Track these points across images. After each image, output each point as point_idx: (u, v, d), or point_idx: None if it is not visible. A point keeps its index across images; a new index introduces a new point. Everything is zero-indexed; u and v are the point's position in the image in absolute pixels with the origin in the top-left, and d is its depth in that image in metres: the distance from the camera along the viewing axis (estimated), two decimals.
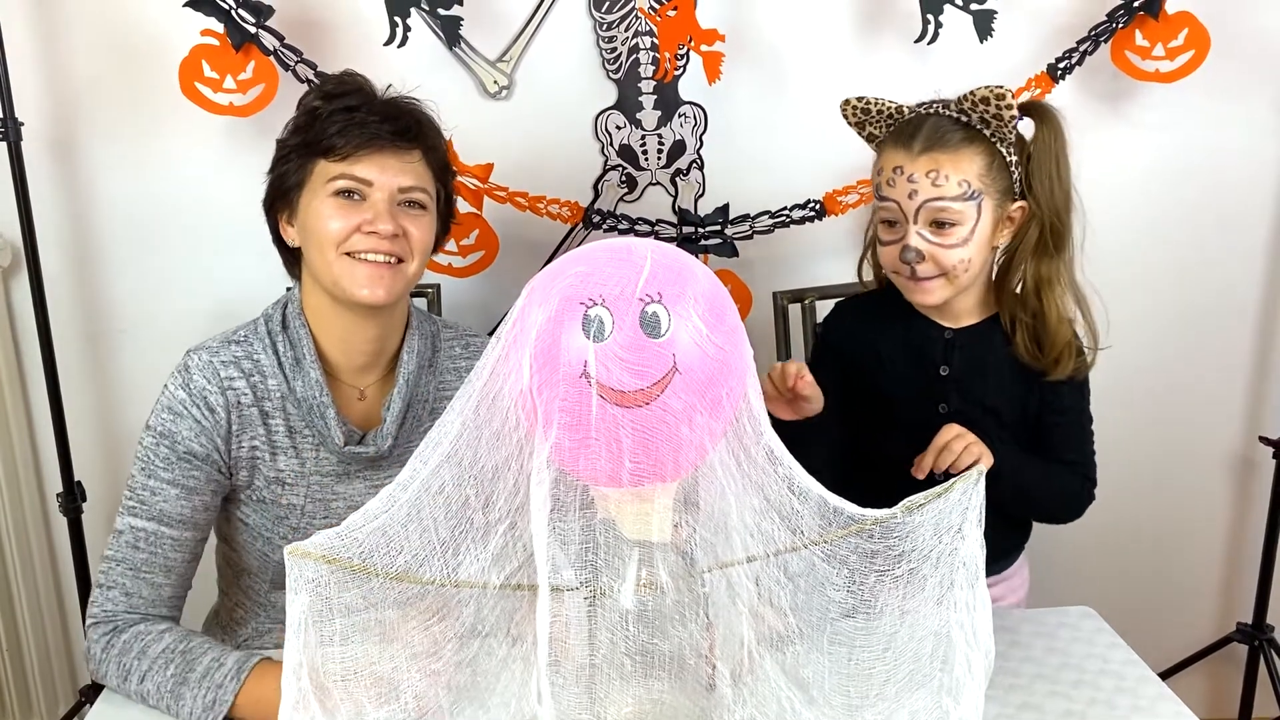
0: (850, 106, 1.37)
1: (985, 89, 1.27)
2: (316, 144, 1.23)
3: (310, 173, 1.25)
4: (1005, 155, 1.31)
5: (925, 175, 1.29)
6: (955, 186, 1.28)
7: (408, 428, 1.32)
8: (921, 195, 1.29)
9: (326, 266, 1.24)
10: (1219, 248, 1.94)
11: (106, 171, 1.77)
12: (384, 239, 1.22)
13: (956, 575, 0.91)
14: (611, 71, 1.78)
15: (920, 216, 1.30)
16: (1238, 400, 2.04)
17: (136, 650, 1.16)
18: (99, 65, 1.72)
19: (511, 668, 0.92)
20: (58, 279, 1.77)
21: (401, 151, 1.24)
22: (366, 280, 1.23)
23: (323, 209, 1.23)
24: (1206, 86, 1.78)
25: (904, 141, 1.31)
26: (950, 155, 1.29)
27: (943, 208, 1.29)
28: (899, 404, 1.42)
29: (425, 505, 0.84)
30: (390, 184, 1.23)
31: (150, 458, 1.23)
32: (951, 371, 1.40)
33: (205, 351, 1.27)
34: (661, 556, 0.87)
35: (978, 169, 1.30)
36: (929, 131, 1.30)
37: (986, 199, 1.30)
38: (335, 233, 1.22)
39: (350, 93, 1.26)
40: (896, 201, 1.31)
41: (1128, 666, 1.23)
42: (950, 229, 1.30)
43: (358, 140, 1.22)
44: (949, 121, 1.31)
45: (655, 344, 0.78)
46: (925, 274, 1.32)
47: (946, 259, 1.31)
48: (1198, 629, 2.13)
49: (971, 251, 1.31)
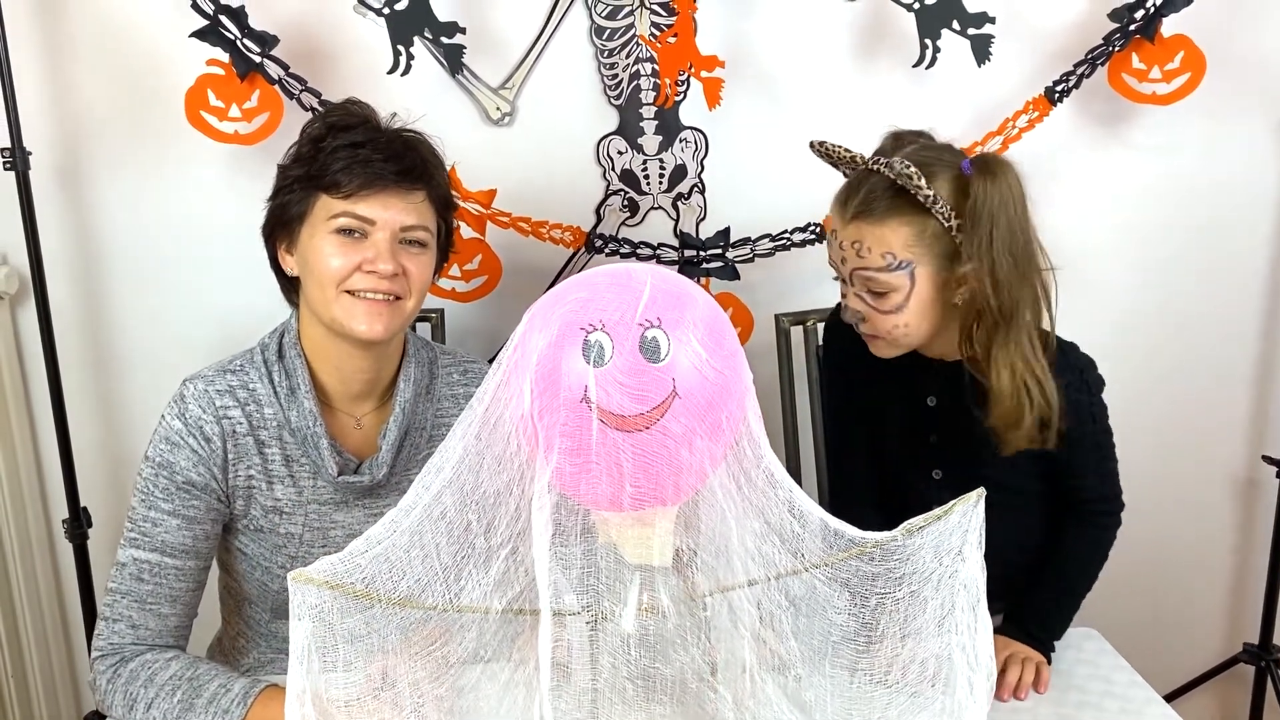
0: (815, 149, 1.33)
1: (901, 165, 1.20)
2: (319, 178, 1.23)
3: (312, 206, 1.24)
4: (942, 221, 1.22)
5: (851, 245, 1.25)
6: (879, 259, 1.24)
7: (405, 456, 1.32)
8: (850, 264, 1.26)
9: (325, 303, 1.23)
10: (1218, 269, 1.94)
11: (113, 200, 1.79)
12: (384, 278, 1.22)
13: (957, 598, 0.91)
14: (613, 97, 1.79)
15: (855, 281, 1.27)
16: (1241, 420, 2.04)
17: (143, 678, 1.16)
18: (106, 95, 1.74)
19: (514, 692, 0.92)
20: (65, 306, 1.78)
21: (405, 191, 1.24)
22: (365, 317, 1.22)
23: (324, 246, 1.23)
24: (1203, 109, 1.78)
25: (840, 203, 1.28)
26: (874, 226, 1.23)
27: (869, 278, 1.25)
28: (890, 431, 1.41)
29: (427, 531, 0.85)
30: (393, 223, 1.23)
31: (150, 489, 1.23)
32: (940, 402, 1.38)
33: (201, 381, 1.27)
34: (663, 580, 0.88)
35: (903, 239, 1.23)
36: (861, 197, 1.25)
37: (920, 266, 1.24)
38: (336, 270, 1.22)
39: (355, 126, 1.25)
40: (835, 262, 1.30)
41: (1132, 689, 1.22)
42: (883, 296, 1.26)
43: (361, 179, 1.21)
44: (882, 185, 1.24)
45: (655, 369, 0.78)
46: (868, 332, 1.31)
47: (882, 324, 1.28)
48: (1204, 650, 2.11)
49: (908, 317, 1.26)
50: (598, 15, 1.75)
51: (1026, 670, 1.24)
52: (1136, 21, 1.70)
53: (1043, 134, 1.75)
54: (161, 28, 1.67)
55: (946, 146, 1.33)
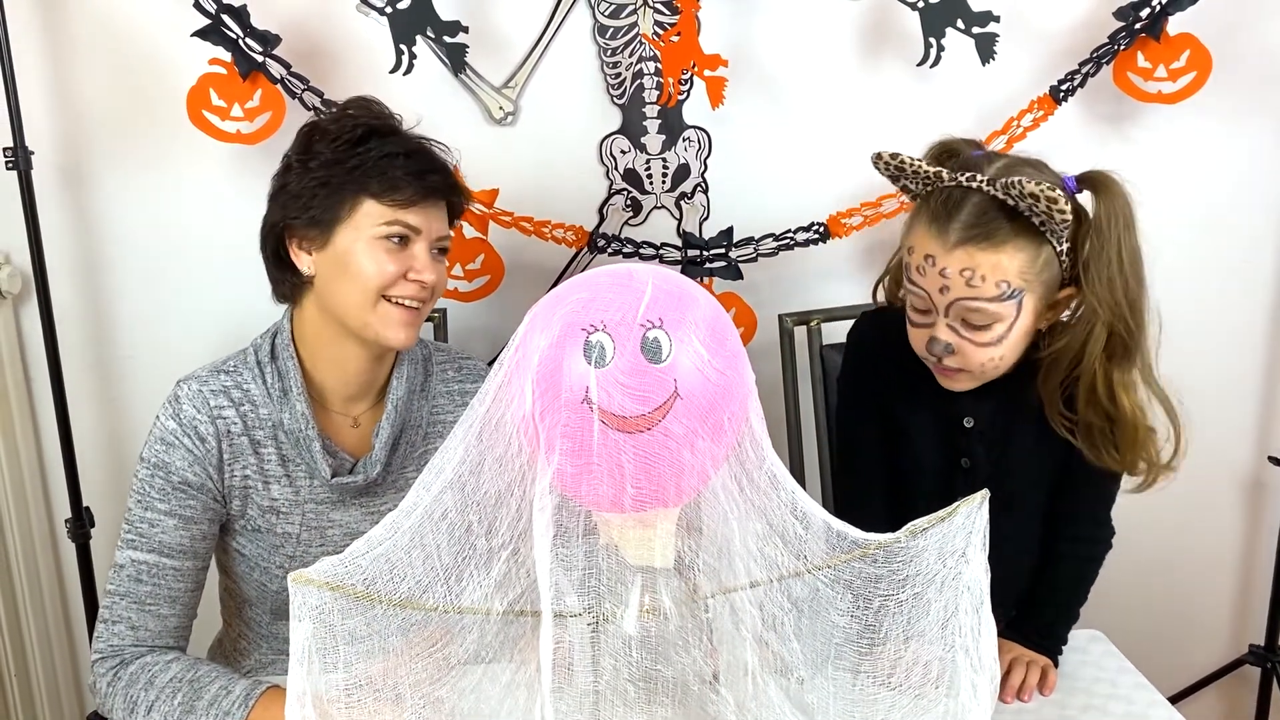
0: (883, 162, 1.21)
1: (1035, 185, 1.08)
2: (366, 182, 1.22)
3: (355, 209, 1.23)
4: (1055, 246, 1.14)
5: (959, 273, 1.13)
6: (993, 288, 1.13)
7: (400, 454, 1.32)
8: (954, 293, 1.14)
9: (359, 308, 1.23)
10: (1225, 268, 1.93)
11: (115, 199, 1.78)
12: (426, 287, 1.25)
13: (961, 599, 0.91)
14: (616, 97, 1.79)
15: (951, 312, 1.16)
16: (1247, 421, 2.03)
17: (143, 681, 1.16)
18: (108, 94, 1.74)
19: (515, 694, 0.91)
20: (67, 306, 1.78)
21: (440, 202, 1.28)
22: (400, 326, 1.24)
23: (372, 251, 1.22)
24: (1209, 107, 1.78)
25: (939, 226, 1.14)
26: (990, 252, 1.12)
27: (977, 309, 1.14)
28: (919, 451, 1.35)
29: (428, 532, 0.84)
30: (433, 233, 1.26)
31: (146, 490, 1.23)
32: (977, 425, 1.31)
33: (195, 381, 1.27)
34: (664, 582, 0.87)
35: (1019, 266, 1.13)
36: (968, 219, 1.13)
37: (1029, 295, 1.15)
38: (384, 277, 1.22)
39: (392, 134, 1.26)
40: (926, 292, 1.17)
41: (1137, 690, 1.22)
42: (984, 328, 1.16)
43: (416, 190, 1.23)
44: (993, 206, 1.13)
45: (656, 369, 0.78)
46: (952, 365, 1.20)
47: (975, 357, 1.17)
48: (1209, 651, 2.10)
49: (1005, 349, 1.18)
50: (601, 14, 1.74)
51: (1031, 672, 1.24)
52: (1142, 20, 1.69)
53: (1047, 133, 1.75)
54: (164, 27, 1.67)
55: (1033, 161, 1.22)
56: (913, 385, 1.32)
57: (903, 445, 1.37)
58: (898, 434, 1.37)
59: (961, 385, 1.24)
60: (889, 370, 1.35)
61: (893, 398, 1.36)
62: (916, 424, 1.35)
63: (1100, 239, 1.16)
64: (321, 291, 1.26)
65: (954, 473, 1.34)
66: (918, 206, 1.21)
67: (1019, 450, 1.31)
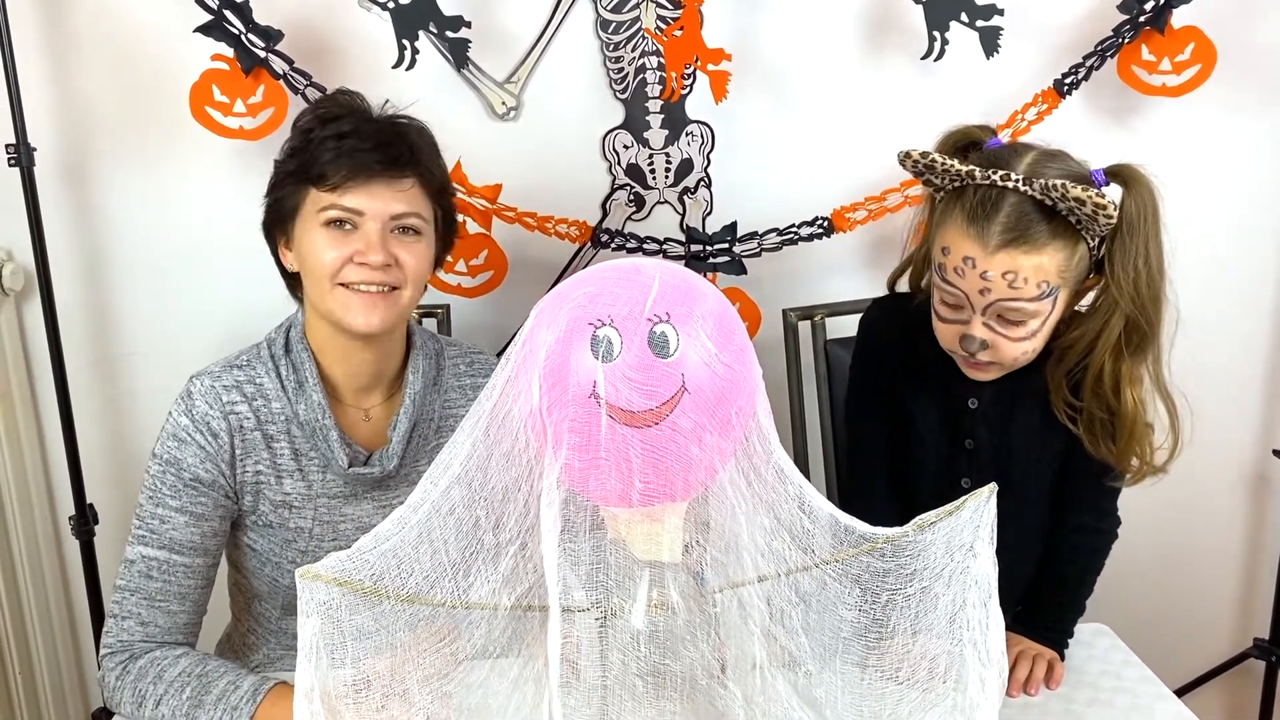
0: (911, 161, 1.19)
1: (1082, 191, 1.08)
2: (307, 171, 1.22)
3: (303, 201, 1.24)
4: (1090, 244, 1.15)
5: (1002, 276, 1.13)
6: (1034, 289, 1.13)
7: (413, 448, 1.32)
8: (994, 295, 1.14)
9: (321, 297, 1.24)
10: (1229, 264, 1.93)
11: (118, 196, 1.78)
12: (376, 269, 1.21)
13: (969, 593, 0.91)
14: (619, 91, 1.78)
15: (989, 311, 1.16)
16: (1251, 415, 2.02)
17: (152, 675, 1.16)
18: (111, 90, 1.73)
19: (523, 689, 0.91)
20: (70, 303, 1.78)
21: (393, 179, 1.23)
22: (361, 310, 1.22)
23: (315, 240, 1.23)
24: (1214, 101, 1.77)
25: (978, 226, 1.13)
26: (1032, 255, 1.12)
27: (1016, 308, 1.15)
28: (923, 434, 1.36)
29: (436, 527, 0.84)
30: (382, 212, 1.22)
31: (158, 486, 1.23)
32: (981, 405, 1.32)
33: (208, 377, 1.27)
34: (672, 576, 0.87)
35: (1059, 265, 1.14)
36: (1008, 221, 1.12)
37: (1063, 290, 1.16)
38: (328, 264, 1.22)
39: (343, 116, 1.25)
40: (964, 292, 1.17)
41: (1143, 684, 1.22)
42: (1019, 325, 1.17)
43: (347, 169, 1.20)
44: (1030, 206, 1.12)
45: (664, 364, 0.78)
46: (986, 359, 1.21)
47: (1009, 351, 1.18)
48: (1214, 645, 2.10)
49: (1036, 342, 1.19)
50: (603, 9, 1.74)
51: (1038, 665, 1.23)
52: (1146, 13, 1.68)
53: (1052, 127, 1.74)
54: (166, 23, 1.66)
55: (1056, 152, 1.22)
56: (919, 369, 1.33)
57: (907, 426, 1.37)
58: (903, 415, 1.37)
59: (990, 376, 1.25)
60: (897, 354, 1.37)
61: (899, 381, 1.37)
62: (921, 404, 1.36)
63: (1129, 232, 1.16)
64: (304, 288, 1.27)
65: (957, 454, 1.35)
66: (948, 204, 1.19)
67: (1022, 432, 1.31)
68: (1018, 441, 1.32)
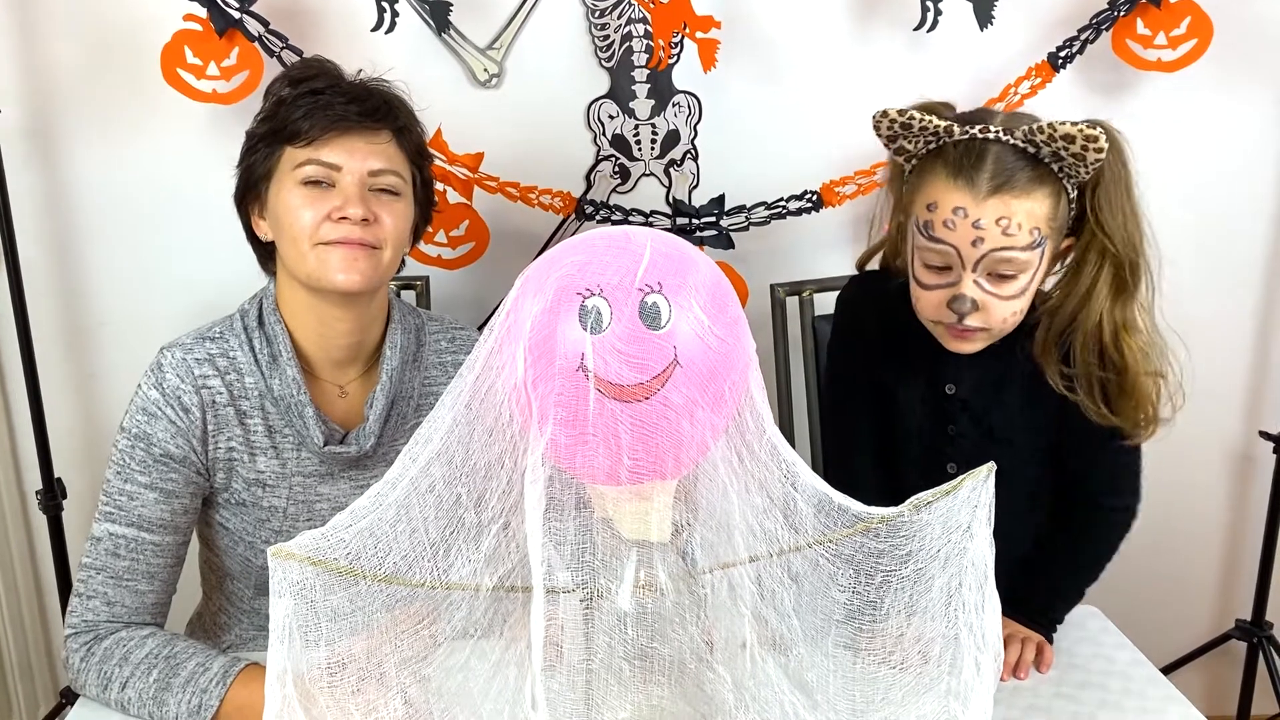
0: (888, 120, 1.18)
1: (1072, 126, 1.10)
2: (282, 130, 1.19)
3: (277, 161, 1.21)
4: (1069, 193, 1.16)
5: (995, 223, 1.12)
6: (1027, 235, 1.12)
7: (392, 425, 1.28)
8: (988, 244, 1.13)
9: (300, 259, 1.19)
10: (1219, 241, 1.91)
11: (87, 161, 1.74)
12: (355, 225, 1.18)
13: (965, 575, 0.89)
14: (604, 60, 1.74)
15: (980, 266, 1.15)
16: (1237, 395, 2.02)
17: (118, 657, 1.12)
18: (79, 52, 1.68)
19: (505, 672, 0.88)
20: (37, 272, 1.74)
21: (370, 133, 1.20)
22: (341, 265, 1.18)
23: (291, 200, 1.19)
24: (1209, 77, 1.75)
25: (965, 176, 1.13)
26: (1022, 199, 1.12)
27: (1009, 258, 1.14)
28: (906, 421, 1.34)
29: (415, 504, 0.81)
30: (359, 168, 1.19)
31: (126, 461, 1.19)
32: (959, 391, 1.30)
33: (179, 349, 1.23)
34: (661, 557, 0.84)
35: (1046, 211, 1.14)
36: (995, 167, 1.12)
37: (1049, 244, 1.16)
38: (306, 224, 1.18)
39: (316, 76, 1.22)
40: (955, 247, 1.14)
41: (1134, 667, 1.21)
42: (1010, 280, 1.15)
43: (324, 123, 1.18)
44: (1013, 154, 1.13)
45: (655, 336, 0.75)
46: (973, 324, 1.18)
47: (999, 312, 1.17)
48: (1196, 626, 2.11)
49: (1024, 302, 1.18)
50: None
51: (1027, 649, 1.22)
52: None
53: (1041, 102, 1.72)
54: None
55: (1027, 115, 1.22)
56: (900, 351, 1.31)
57: (889, 405, 1.35)
58: (884, 395, 1.35)
59: (975, 346, 1.22)
60: (877, 334, 1.35)
61: (880, 361, 1.35)
62: (903, 387, 1.34)
63: (1113, 179, 1.18)
64: (280, 254, 1.24)
65: (941, 438, 1.33)
66: (926, 164, 1.18)
67: (1005, 415, 1.30)
68: (1000, 423, 1.30)
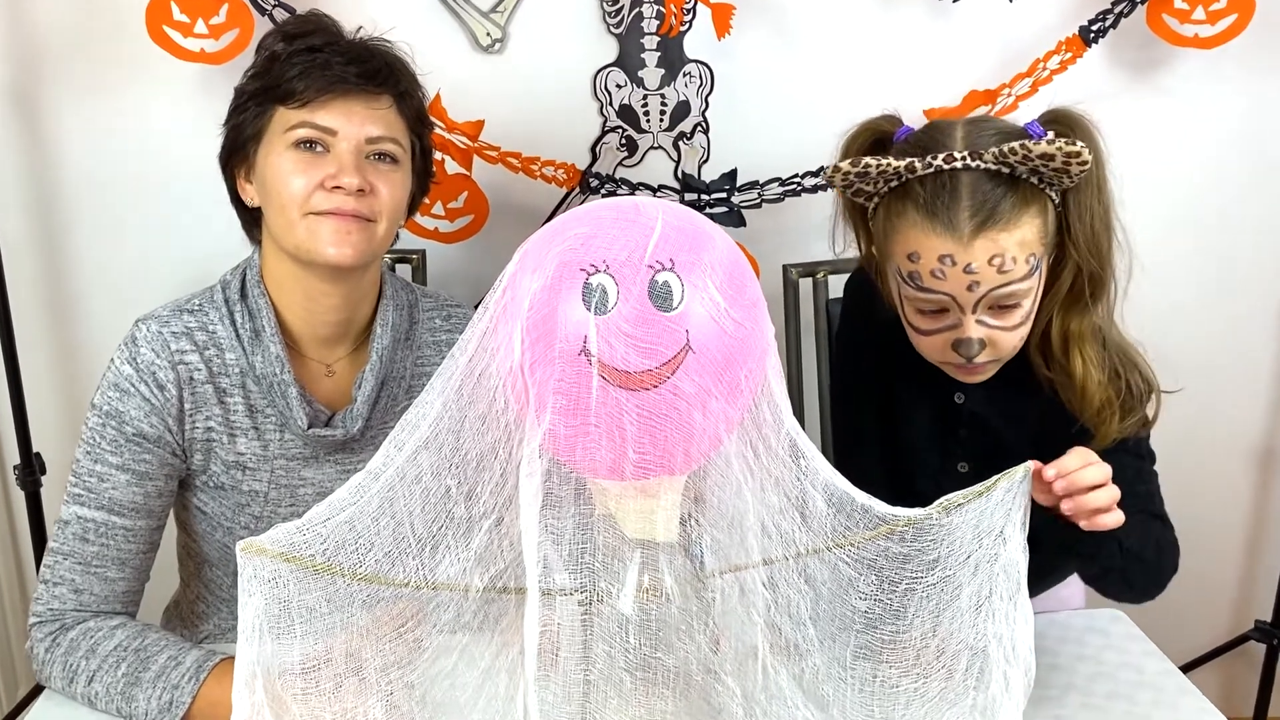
0: (841, 174, 1.08)
1: (1047, 145, 1.01)
2: (275, 89, 1.13)
3: (268, 122, 1.14)
4: (1054, 200, 1.07)
5: (988, 263, 1.03)
6: (1024, 265, 1.04)
7: (381, 407, 1.23)
8: (985, 285, 1.04)
9: (288, 228, 1.13)
10: (1253, 230, 1.85)
11: (68, 126, 1.68)
12: (349, 195, 1.11)
13: (996, 583, 0.85)
14: (613, 25, 1.68)
15: (980, 306, 1.06)
16: (1259, 393, 1.96)
17: (85, 648, 1.07)
18: (61, 10, 1.62)
19: (495, 680, 0.84)
20: (16, 240, 1.68)
21: (370, 97, 1.14)
22: (333, 238, 1.12)
23: (281, 164, 1.13)
24: (1249, 54, 1.68)
25: (943, 219, 1.04)
26: (1011, 230, 1.03)
27: (1010, 293, 1.05)
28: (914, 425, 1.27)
29: (400, 497, 0.78)
30: (356, 134, 1.13)
31: (96, 440, 1.13)
32: (968, 402, 1.22)
33: (155, 321, 1.17)
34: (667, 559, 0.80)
35: (1038, 232, 1.05)
36: (973, 201, 1.03)
37: (1045, 259, 1.08)
38: (297, 192, 1.12)
39: (313, 32, 1.16)
40: (949, 294, 1.06)
41: (1164, 677, 1.16)
42: (1013, 310, 1.07)
43: (320, 83, 1.11)
44: (988, 180, 1.04)
45: (666, 318, 0.71)
46: (985, 359, 1.10)
47: (1008, 342, 1.09)
48: (1214, 626, 2.06)
49: (1029, 323, 1.10)
50: None
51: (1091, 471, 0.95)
52: None
53: (1075, 77, 1.65)
54: None
55: (981, 119, 1.16)
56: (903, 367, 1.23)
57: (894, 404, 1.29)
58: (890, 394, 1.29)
59: (986, 375, 1.14)
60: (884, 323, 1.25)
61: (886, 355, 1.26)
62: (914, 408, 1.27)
63: (1084, 183, 1.08)
64: (266, 222, 1.18)
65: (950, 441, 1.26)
66: (893, 208, 1.08)
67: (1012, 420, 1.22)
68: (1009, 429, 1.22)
